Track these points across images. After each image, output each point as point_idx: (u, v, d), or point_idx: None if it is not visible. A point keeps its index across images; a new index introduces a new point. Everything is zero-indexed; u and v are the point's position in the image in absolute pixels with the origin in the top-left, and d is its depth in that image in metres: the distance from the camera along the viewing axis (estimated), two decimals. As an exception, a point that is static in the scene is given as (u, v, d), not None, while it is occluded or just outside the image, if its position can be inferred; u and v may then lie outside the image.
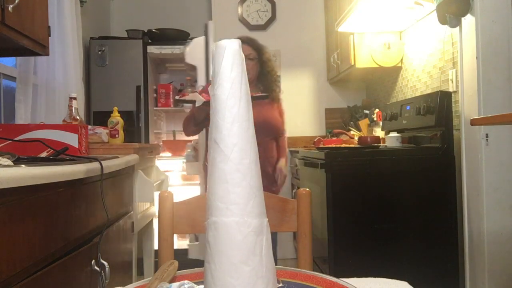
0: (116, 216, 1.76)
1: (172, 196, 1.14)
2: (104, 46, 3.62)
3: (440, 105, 2.37)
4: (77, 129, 1.69)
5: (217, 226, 0.57)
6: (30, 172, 0.98)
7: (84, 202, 1.39)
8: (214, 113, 0.60)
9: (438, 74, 2.64)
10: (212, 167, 0.60)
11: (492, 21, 2.10)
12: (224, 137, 0.59)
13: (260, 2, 4.06)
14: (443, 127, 2.36)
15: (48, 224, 1.13)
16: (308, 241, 1.14)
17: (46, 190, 1.10)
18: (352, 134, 3.48)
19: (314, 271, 0.73)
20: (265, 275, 0.57)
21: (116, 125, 2.32)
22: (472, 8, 2.12)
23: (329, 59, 3.89)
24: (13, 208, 0.95)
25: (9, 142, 1.49)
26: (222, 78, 0.60)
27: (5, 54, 2.00)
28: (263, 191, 0.62)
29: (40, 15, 1.82)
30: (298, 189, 1.16)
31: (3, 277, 0.90)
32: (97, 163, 1.37)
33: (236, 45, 0.61)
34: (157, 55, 3.80)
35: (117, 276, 1.72)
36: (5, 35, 1.54)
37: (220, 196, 0.58)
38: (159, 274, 0.67)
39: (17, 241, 0.97)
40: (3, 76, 2.46)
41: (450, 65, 2.48)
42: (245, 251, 0.56)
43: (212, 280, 0.56)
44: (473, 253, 2.19)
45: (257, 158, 0.61)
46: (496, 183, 2.09)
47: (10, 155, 1.15)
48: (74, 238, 1.30)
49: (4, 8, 1.49)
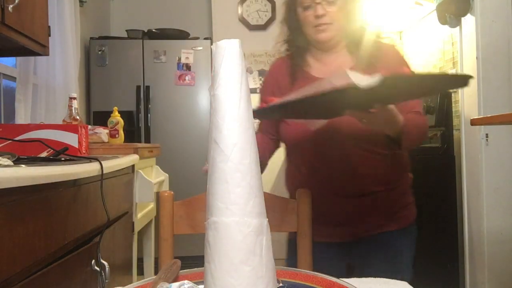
0: (116, 216, 1.77)
1: (172, 196, 1.14)
2: (104, 46, 3.62)
3: (440, 105, 2.37)
4: (77, 129, 1.69)
5: (217, 226, 0.57)
6: (30, 172, 0.98)
7: (84, 202, 1.39)
8: (214, 113, 0.60)
9: (438, 74, 2.64)
10: (212, 167, 0.60)
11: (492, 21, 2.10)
12: (224, 137, 0.59)
13: (260, 2, 4.06)
14: (443, 127, 2.36)
15: (48, 224, 1.13)
16: (308, 241, 1.14)
17: (46, 190, 1.10)
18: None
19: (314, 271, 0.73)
20: (265, 275, 0.57)
21: (116, 125, 2.32)
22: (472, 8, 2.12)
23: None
24: (13, 208, 0.95)
25: (9, 142, 1.49)
26: (222, 78, 0.60)
27: (5, 54, 2.00)
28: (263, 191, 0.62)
29: (40, 15, 1.82)
30: (298, 189, 1.16)
31: (3, 277, 0.90)
32: (97, 163, 1.37)
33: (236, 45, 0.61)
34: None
35: (117, 276, 1.72)
36: (5, 35, 1.54)
37: (220, 196, 0.58)
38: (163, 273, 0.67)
39: (17, 241, 0.97)
40: (3, 76, 2.46)
41: (450, 65, 2.48)
42: (245, 251, 0.56)
43: (212, 280, 0.56)
44: (473, 253, 2.19)
45: (257, 158, 0.61)
46: (496, 183, 2.09)
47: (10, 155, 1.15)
48: (74, 238, 1.30)
49: (4, 8, 1.49)
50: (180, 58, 3.71)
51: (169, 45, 3.71)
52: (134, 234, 2.16)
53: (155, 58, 3.70)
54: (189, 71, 3.71)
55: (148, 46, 3.69)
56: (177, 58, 3.71)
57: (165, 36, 3.74)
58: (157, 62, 3.70)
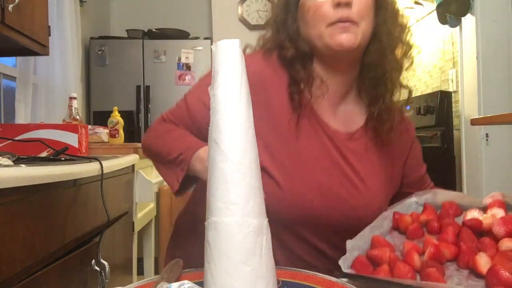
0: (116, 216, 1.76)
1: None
2: (104, 46, 3.61)
3: (440, 105, 2.37)
4: (77, 129, 1.69)
5: (217, 226, 0.57)
6: (30, 172, 0.98)
7: (84, 202, 1.39)
8: (214, 113, 0.60)
9: (438, 74, 2.64)
10: (212, 167, 0.60)
11: (492, 21, 2.10)
12: (224, 137, 0.59)
13: (260, 2, 4.05)
14: (443, 127, 2.36)
15: (48, 224, 1.13)
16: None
17: (46, 190, 1.10)
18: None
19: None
20: (265, 275, 0.57)
21: (116, 125, 2.32)
22: (472, 8, 2.12)
23: (329, 59, 3.89)
24: (13, 208, 0.95)
25: (9, 142, 1.49)
26: (222, 78, 0.60)
27: (5, 54, 2.00)
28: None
29: (40, 15, 1.82)
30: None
31: (3, 277, 0.90)
32: (97, 163, 1.37)
33: (236, 45, 0.61)
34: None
35: (117, 276, 1.72)
36: (5, 35, 1.54)
37: (220, 196, 0.58)
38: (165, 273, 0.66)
39: (17, 241, 0.97)
40: (3, 76, 2.46)
41: (450, 65, 2.48)
42: (245, 251, 0.56)
43: (212, 280, 0.56)
44: (473, 253, 2.19)
45: (257, 158, 0.61)
46: (496, 183, 2.09)
47: (10, 155, 1.15)
48: (74, 238, 1.29)
49: (4, 8, 1.49)
50: (180, 58, 3.71)
51: (169, 45, 3.71)
52: (134, 234, 2.16)
53: (155, 58, 3.70)
54: (189, 71, 3.71)
55: (148, 46, 3.69)
56: (177, 58, 3.71)
57: (165, 36, 3.74)
58: (157, 62, 3.70)
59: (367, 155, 0.90)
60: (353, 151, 0.89)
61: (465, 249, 0.64)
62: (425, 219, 0.75)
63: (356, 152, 0.89)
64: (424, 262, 0.64)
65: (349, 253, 0.69)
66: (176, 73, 3.71)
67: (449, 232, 0.68)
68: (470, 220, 0.70)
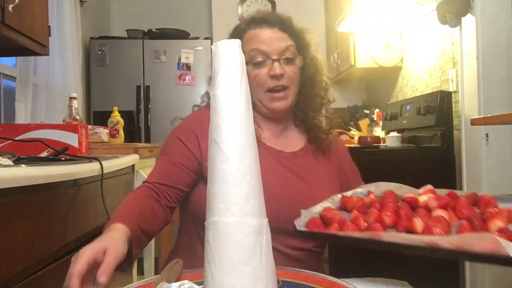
0: (116, 216, 1.76)
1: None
2: (104, 46, 3.61)
3: (440, 105, 2.37)
4: (77, 129, 1.69)
5: (217, 226, 0.57)
6: (30, 172, 0.98)
7: (84, 202, 1.39)
8: (214, 113, 0.60)
9: (438, 74, 2.63)
10: (212, 167, 0.60)
11: (492, 21, 2.10)
12: (224, 137, 0.59)
13: (260, 2, 4.06)
14: (443, 127, 2.36)
15: (48, 224, 1.13)
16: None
17: (46, 190, 1.10)
18: (352, 134, 3.48)
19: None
20: (265, 275, 0.57)
21: (116, 125, 2.32)
22: (472, 8, 2.12)
23: (329, 59, 3.89)
24: (13, 208, 0.95)
25: (9, 142, 1.49)
26: (222, 78, 0.60)
27: (5, 54, 2.00)
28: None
29: (40, 15, 1.82)
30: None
31: (3, 277, 0.90)
32: (97, 163, 1.37)
33: (236, 45, 0.61)
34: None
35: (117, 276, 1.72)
36: (5, 35, 1.54)
37: (220, 196, 0.58)
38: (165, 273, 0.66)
39: (17, 241, 0.97)
40: (3, 76, 2.46)
41: (450, 65, 2.48)
42: (245, 251, 0.56)
43: (212, 280, 0.56)
44: (473, 253, 2.18)
45: (257, 158, 0.61)
46: (496, 183, 2.09)
47: (10, 155, 1.15)
48: (74, 238, 1.29)
49: (4, 8, 1.49)
50: (180, 58, 3.71)
51: (169, 45, 3.71)
52: (134, 234, 2.16)
53: (155, 58, 3.70)
54: (189, 71, 3.71)
55: (148, 46, 3.69)
56: (177, 58, 3.71)
57: (165, 36, 3.73)
58: (157, 62, 3.70)
59: (311, 166, 1.11)
60: (299, 165, 1.09)
61: (403, 215, 0.75)
62: (369, 200, 0.88)
63: (301, 165, 1.09)
64: (369, 224, 0.75)
65: (304, 216, 0.80)
66: (176, 73, 3.71)
67: (390, 206, 0.80)
68: (408, 197, 0.83)
